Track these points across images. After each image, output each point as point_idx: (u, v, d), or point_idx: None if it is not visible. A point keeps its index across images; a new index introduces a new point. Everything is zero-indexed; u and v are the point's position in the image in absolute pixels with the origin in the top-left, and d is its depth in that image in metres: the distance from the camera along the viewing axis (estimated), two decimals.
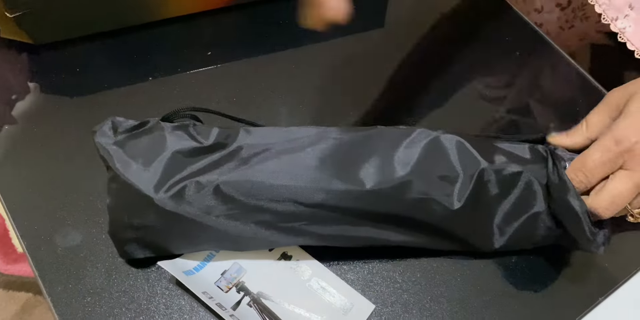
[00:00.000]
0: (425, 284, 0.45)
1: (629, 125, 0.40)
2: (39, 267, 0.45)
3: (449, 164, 0.43)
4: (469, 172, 0.42)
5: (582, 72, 0.59)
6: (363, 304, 0.44)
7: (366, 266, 0.46)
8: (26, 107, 0.53)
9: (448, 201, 0.42)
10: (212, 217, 0.41)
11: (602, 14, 0.56)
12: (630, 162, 0.40)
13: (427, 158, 0.42)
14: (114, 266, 0.45)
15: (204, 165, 0.42)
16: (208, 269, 0.44)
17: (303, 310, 0.43)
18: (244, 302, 0.43)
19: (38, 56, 0.56)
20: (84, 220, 0.47)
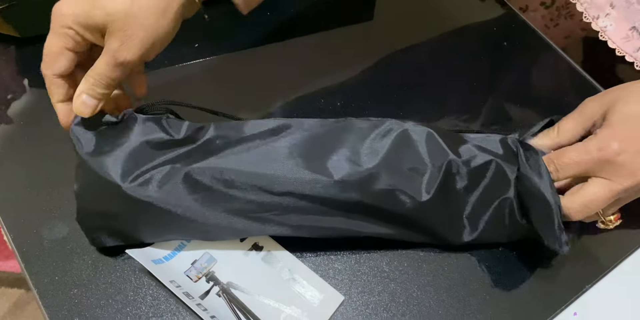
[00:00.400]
0: (413, 273, 0.45)
1: (614, 136, 0.40)
2: (25, 260, 0.45)
3: (417, 156, 0.43)
4: (437, 164, 0.42)
5: (573, 64, 0.59)
6: (333, 295, 0.44)
7: (353, 256, 0.46)
8: (14, 102, 0.53)
9: (416, 193, 0.42)
10: (181, 205, 0.41)
11: (583, 13, 0.56)
12: (609, 172, 0.40)
13: (396, 150, 0.42)
14: (100, 258, 0.45)
15: (173, 156, 0.42)
16: (178, 259, 0.44)
17: (272, 300, 0.43)
18: (212, 292, 0.43)
19: (25, 50, 0.56)
20: (70, 212, 0.47)
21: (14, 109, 0.53)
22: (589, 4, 0.56)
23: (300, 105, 0.54)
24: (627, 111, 0.40)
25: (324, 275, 0.45)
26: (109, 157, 0.41)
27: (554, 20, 0.73)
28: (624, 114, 0.40)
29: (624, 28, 0.54)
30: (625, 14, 0.54)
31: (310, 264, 0.45)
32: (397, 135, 0.43)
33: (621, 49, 0.54)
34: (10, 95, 0.54)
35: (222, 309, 0.42)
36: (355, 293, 0.44)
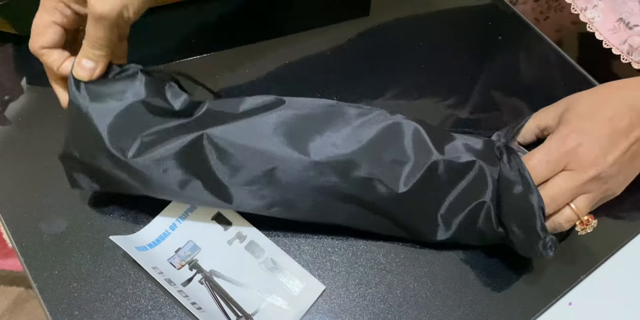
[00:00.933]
0: (409, 264, 0.46)
1: (571, 129, 0.42)
2: (24, 254, 0.45)
3: (401, 148, 0.43)
4: (420, 160, 0.43)
5: (564, 55, 0.59)
6: (314, 284, 0.44)
7: (350, 248, 0.46)
8: (13, 99, 0.54)
9: (394, 184, 0.42)
10: (162, 170, 0.42)
11: (571, 4, 0.56)
12: (572, 163, 0.41)
13: (380, 139, 0.43)
14: (99, 252, 0.46)
15: (166, 127, 0.43)
16: (162, 246, 0.45)
17: (254, 289, 0.44)
18: (195, 280, 0.44)
19: (24, 47, 0.56)
20: (69, 207, 0.47)
21: (12, 107, 0.53)
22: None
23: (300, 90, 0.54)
24: (579, 110, 0.43)
25: (321, 267, 0.45)
26: (103, 104, 0.42)
27: (544, 13, 0.73)
28: (577, 112, 0.43)
29: (611, 19, 0.54)
30: (612, 5, 0.54)
31: (308, 257, 0.46)
32: (384, 126, 0.43)
33: (608, 41, 0.55)
34: (8, 97, 0.54)
35: (204, 296, 0.43)
36: (353, 285, 0.45)
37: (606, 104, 0.42)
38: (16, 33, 0.55)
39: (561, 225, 0.42)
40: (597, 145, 0.41)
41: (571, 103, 0.44)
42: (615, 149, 0.41)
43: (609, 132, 0.41)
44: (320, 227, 0.47)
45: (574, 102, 0.44)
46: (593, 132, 0.41)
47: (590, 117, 0.42)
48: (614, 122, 0.41)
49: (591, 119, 0.42)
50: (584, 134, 0.41)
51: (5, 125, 0.52)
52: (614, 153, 0.41)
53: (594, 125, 0.42)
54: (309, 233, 0.47)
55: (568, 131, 0.42)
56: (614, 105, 0.42)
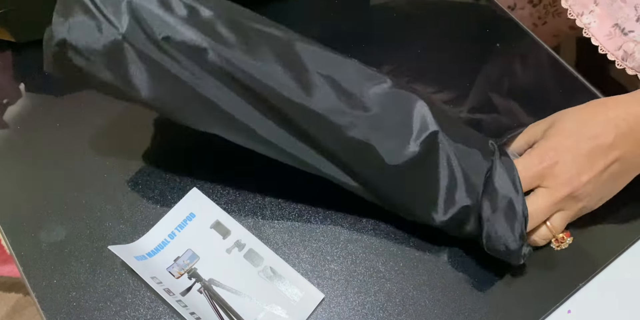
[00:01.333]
0: (408, 272, 0.46)
1: (551, 147, 0.43)
2: (23, 263, 0.45)
3: (406, 120, 0.42)
4: (422, 136, 0.42)
5: (562, 62, 0.59)
6: (313, 293, 0.44)
7: (349, 257, 0.46)
8: (11, 106, 0.54)
9: (388, 155, 0.41)
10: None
11: (568, 9, 0.56)
12: (548, 180, 0.42)
13: (386, 106, 0.42)
14: (98, 261, 0.46)
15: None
16: (161, 255, 0.45)
17: (253, 298, 0.44)
18: (194, 289, 0.44)
19: (21, 55, 0.56)
20: (68, 216, 0.47)
21: (11, 113, 0.53)
22: (573, 0, 0.56)
23: None
24: (564, 127, 0.43)
25: (320, 275, 0.45)
26: None
27: (542, 19, 0.73)
28: (561, 129, 0.43)
29: (607, 25, 0.54)
30: (608, 11, 0.54)
31: (307, 265, 0.46)
32: (394, 93, 0.42)
33: (603, 47, 0.55)
34: (6, 100, 0.54)
35: (202, 305, 0.43)
36: (352, 293, 0.45)
37: (592, 122, 0.43)
38: (14, 41, 0.55)
39: (536, 242, 0.44)
40: (573, 164, 0.42)
41: (558, 120, 0.44)
42: (591, 169, 0.42)
43: (587, 151, 0.42)
44: (319, 236, 0.47)
45: (561, 119, 0.44)
46: (572, 150, 0.42)
47: (572, 134, 0.43)
48: (595, 141, 0.42)
49: (573, 137, 0.42)
50: (562, 152, 0.42)
51: (4, 130, 0.52)
52: (589, 173, 0.42)
53: (574, 143, 0.42)
54: (308, 241, 0.47)
55: (547, 148, 0.43)
56: (599, 125, 0.42)
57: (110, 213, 0.47)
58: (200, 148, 0.51)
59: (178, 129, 0.51)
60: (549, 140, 0.43)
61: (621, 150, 0.42)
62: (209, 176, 0.49)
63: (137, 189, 0.49)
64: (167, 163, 0.50)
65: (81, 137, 0.51)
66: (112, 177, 0.49)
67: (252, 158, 0.50)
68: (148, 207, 0.48)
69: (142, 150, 0.50)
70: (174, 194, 0.48)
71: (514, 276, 0.46)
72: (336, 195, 0.49)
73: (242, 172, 0.49)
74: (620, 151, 0.42)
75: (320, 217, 0.48)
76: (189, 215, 0.47)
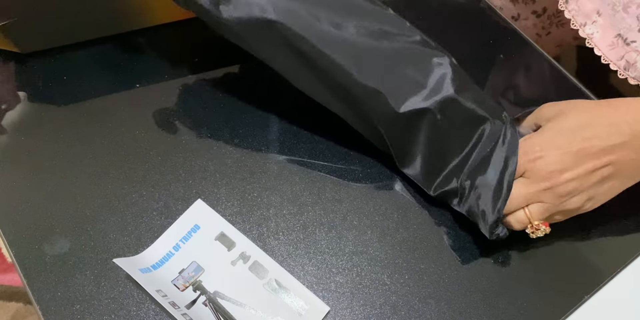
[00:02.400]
0: (414, 285, 0.46)
1: (537, 142, 0.44)
2: (27, 275, 0.45)
3: (421, 77, 0.44)
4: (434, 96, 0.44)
5: (564, 72, 0.59)
6: (318, 305, 0.44)
7: (355, 269, 0.46)
8: (15, 117, 0.53)
9: (396, 103, 0.43)
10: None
11: (571, 20, 0.57)
12: (530, 172, 0.43)
13: (406, 57, 0.44)
14: (102, 273, 0.45)
15: None
16: (166, 267, 0.45)
17: (258, 310, 0.44)
18: (199, 302, 0.44)
19: (25, 65, 0.56)
20: (72, 227, 0.47)
21: (12, 123, 0.53)
22: (576, 11, 0.56)
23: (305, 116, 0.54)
24: (562, 123, 0.44)
25: (326, 288, 0.45)
26: None
27: (546, 29, 0.73)
28: (557, 124, 0.44)
29: (610, 35, 0.55)
30: (611, 22, 0.54)
31: (312, 277, 0.46)
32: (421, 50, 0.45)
33: (606, 57, 0.55)
34: (9, 109, 0.54)
35: (207, 318, 0.43)
36: (357, 306, 0.45)
37: (592, 124, 0.43)
38: (18, 51, 0.55)
39: (511, 224, 0.45)
40: (557, 161, 0.42)
41: (564, 114, 0.45)
42: (576, 167, 0.42)
43: (577, 150, 0.42)
44: (324, 248, 0.47)
45: (566, 114, 0.44)
46: (561, 147, 0.43)
47: (568, 133, 0.43)
48: (590, 142, 0.42)
49: (568, 135, 0.43)
50: (549, 148, 0.43)
51: (8, 140, 0.52)
52: (573, 171, 0.42)
53: (567, 141, 0.43)
54: (312, 253, 0.47)
55: (534, 143, 0.44)
56: (599, 128, 0.43)
57: (114, 225, 0.47)
58: (205, 159, 0.50)
59: (182, 140, 0.51)
60: (541, 135, 0.44)
61: (617, 154, 0.42)
62: (213, 188, 0.49)
63: (141, 200, 0.48)
64: (172, 174, 0.50)
65: (84, 149, 0.51)
66: (116, 189, 0.49)
67: (256, 171, 0.50)
68: (152, 219, 0.48)
69: (147, 161, 0.50)
70: (179, 206, 0.48)
71: (520, 289, 0.46)
72: (341, 207, 0.49)
73: (247, 184, 0.49)
74: (616, 155, 0.42)
75: (325, 229, 0.48)
76: (194, 227, 0.47)
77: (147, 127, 0.52)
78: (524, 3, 0.71)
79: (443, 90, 0.44)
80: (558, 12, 0.70)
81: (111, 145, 0.51)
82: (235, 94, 0.56)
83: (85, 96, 0.54)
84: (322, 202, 0.49)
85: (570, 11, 0.57)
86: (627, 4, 0.54)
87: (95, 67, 0.57)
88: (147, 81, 0.56)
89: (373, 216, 0.48)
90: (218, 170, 0.50)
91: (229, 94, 0.56)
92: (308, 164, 0.50)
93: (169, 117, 0.53)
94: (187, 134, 0.52)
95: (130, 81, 0.55)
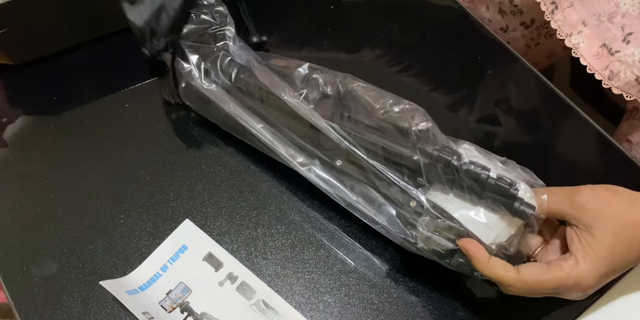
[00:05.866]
0: (402, 304, 0.46)
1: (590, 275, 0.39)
2: (14, 297, 0.45)
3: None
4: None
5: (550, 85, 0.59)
6: None
7: (343, 288, 0.46)
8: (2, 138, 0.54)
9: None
10: None
11: (557, 30, 0.57)
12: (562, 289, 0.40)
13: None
14: (90, 295, 0.45)
15: None
16: (154, 288, 0.45)
17: None
18: None
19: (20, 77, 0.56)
20: (60, 249, 0.47)
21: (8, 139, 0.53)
22: (562, 21, 0.57)
23: None
24: (600, 240, 0.40)
25: (314, 308, 0.45)
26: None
27: (535, 40, 0.74)
28: (607, 247, 0.40)
29: (595, 45, 0.55)
30: (596, 32, 0.55)
31: (300, 297, 0.45)
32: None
33: (591, 66, 0.55)
34: (6, 119, 0.54)
35: None
36: None
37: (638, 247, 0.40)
38: (12, 63, 0.55)
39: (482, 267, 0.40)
40: (602, 283, 0.40)
41: (604, 219, 0.40)
42: (608, 278, 0.41)
43: (621, 269, 0.41)
44: (312, 267, 0.47)
45: (606, 223, 0.40)
46: (608, 274, 0.40)
47: (621, 261, 0.40)
48: (629, 267, 0.41)
49: (621, 264, 0.40)
50: (593, 279, 0.39)
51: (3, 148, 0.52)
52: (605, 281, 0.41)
53: (618, 270, 0.41)
54: (301, 273, 0.46)
55: (587, 275, 0.39)
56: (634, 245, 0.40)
57: (102, 246, 0.47)
58: (193, 179, 0.50)
59: (171, 160, 0.51)
60: (592, 265, 0.39)
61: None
62: (201, 207, 0.49)
63: (129, 221, 0.48)
64: (160, 194, 0.50)
65: (73, 169, 0.51)
66: (104, 209, 0.49)
67: (244, 190, 0.50)
68: (140, 239, 0.48)
69: (135, 181, 0.50)
70: (167, 226, 0.48)
71: (511, 307, 0.46)
72: (329, 227, 0.49)
73: (235, 203, 0.49)
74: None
75: (313, 249, 0.48)
76: (182, 248, 0.47)
77: (136, 147, 0.52)
78: (512, 15, 0.72)
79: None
80: (546, 23, 0.70)
81: (100, 164, 0.51)
82: None
83: (74, 116, 0.54)
84: (310, 220, 0.49)
85: (556, 21, 0.57)
86: (612, 14, 0.54)
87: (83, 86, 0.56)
88: (137, 100, 0.56)
89: (361, 235, 0.48)
90: (206, 190, 0.50)
91: None
92: (296, 182, 0.50)
93: (158, 136, 0.53)
94: (175, 153, 0.52)
95: (119, 100, 0.55)
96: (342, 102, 0.46)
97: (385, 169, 0.44)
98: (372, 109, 0.44)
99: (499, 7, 0.71)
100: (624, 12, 0.54)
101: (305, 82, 0.47)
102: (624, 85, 0.55)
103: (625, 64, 0.54)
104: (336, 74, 0.47)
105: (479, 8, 0.73)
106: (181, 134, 0.53)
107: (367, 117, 0.45)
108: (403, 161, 0.43)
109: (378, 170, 0.44)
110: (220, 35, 0.49)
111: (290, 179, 0.50)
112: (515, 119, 0.57)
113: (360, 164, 0.45)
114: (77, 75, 0.56)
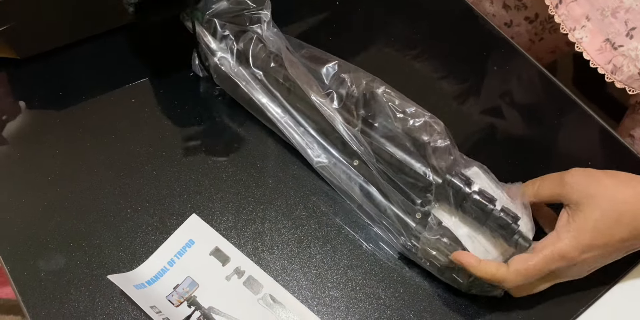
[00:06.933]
0: (409, 299, 0.46)
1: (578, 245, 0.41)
2: (22, 291, 0.45)
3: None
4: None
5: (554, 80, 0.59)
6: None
7: (349, 283, 0.46)
8: (10, 132, 0.53)
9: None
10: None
11: (561, 24, 0.57)
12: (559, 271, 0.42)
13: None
14: (97, 289, 0.45)
15: None
16: (161, 283, 0.45)
17: None
18: (194, 317, 0.44)
19: (21, 77, 0.56)
20: (67, 243, 0.47)
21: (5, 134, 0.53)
22: (566, 15, 0.57)
23: None
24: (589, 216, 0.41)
25: (321, 302, 0.45)
26: None
27: (539, 35, 0.74)
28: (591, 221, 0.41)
29: (598, 40, 0.55)
30: (599, 26, 0.55)
31: (307, 292, 0.46)
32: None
33: (594, 61, 0.56)
34: (5, 117, 0.54)
35: None
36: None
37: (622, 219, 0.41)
38: (17, 57, 0.55)
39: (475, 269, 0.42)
40: (591, 261, 0.42)
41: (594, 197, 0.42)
42: (607, 259, 0.43)
43: (615, 250, 0.42)
44: (319, 262, 0.47)
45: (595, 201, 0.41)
46: (599, 248, 0.41)
47: (602, 233, 0.41)
48: (625, 243, 0.42)
49: (607, 237, 0.41)
50: (586, 251, 0.41)
51: (4, 151, 0.52)
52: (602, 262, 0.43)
53: (603, 241, 0.41)
54: (307, 268, 0.47)
55: (575, 247, 0.41)
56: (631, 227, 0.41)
57: (109, 240, 0.47)
58: (200, 174, 0.51)
59: (177, 155, 0.51)
60: (579, 234, 0.41)
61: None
62: (208, 202, 0.49)
63: (136, 215, 0.48)
64: (167, 189, 0.50)
65: (79, 164, 0.51)
66: (110, 204, 0.49)
67: (251, 185, 0.50)
68: (147, 234, 0.48)
69: (142, 176, 0.50)
70: (173, 221, 0.48)
71: (517, 303, 0.46)
72: (335, 222, 0.49)
73: (242, 198, 0.49)
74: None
75: (319, 243, 0.48)
76: (188, 242, 0.47)
77: (142, 142, 0.52)
78: (516, 9, 0.72)
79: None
80: (550, 18, 0.70)
81: (106, 160, 0.51)
82: (230, 108, 0.56)
83: (80, 111, 0.54)
84: (317, 215, 0.49)
85: (560, 16, 0.57)
86: (615, 9, 0.54)
87: (89, 81, 0.56)
88: (144, 95, 0.55)
89: (367, 230, 0.48)
90: (213, 185, 0.50)
91: (224, 108, 0.56)
92: (303, 177, 0.50)
93: (164, 131, 0.53)
94: (182, 148, 0.52)
95: (126, 95, 0.55)
96: (365, 104, 0.46)
97: (398, 180, 0.45)
98: (394, 118, 0.45)
99: (503, 2, 0.71)
100: (628, 6, 0.54)
101: (332, 79, 0.47)
102: (627, 79, 0.55)
103: (629, 58, 0.54)
104: (364, 75, 0.47)
105: (483, 3, 0.73)
106: (187, 129, 0.53)
107: (387, 124, 0.46)
108: (416, 177, 0.45)
109: (390, 179, 0.45)
110: (255, 18, 0.48)
111: (296, 174, 0.51)
112: (519, 113, 0.58)
113: (373, 169, 0.46)
114: (83, 70, 0.56)
